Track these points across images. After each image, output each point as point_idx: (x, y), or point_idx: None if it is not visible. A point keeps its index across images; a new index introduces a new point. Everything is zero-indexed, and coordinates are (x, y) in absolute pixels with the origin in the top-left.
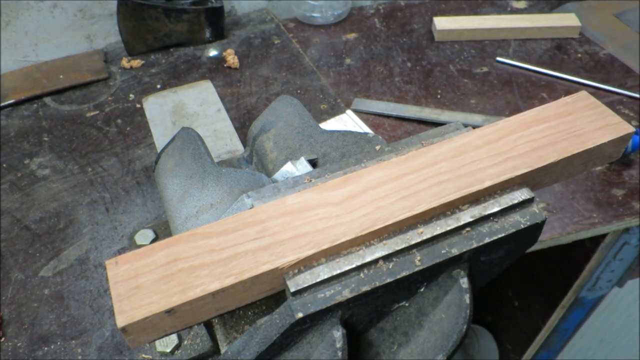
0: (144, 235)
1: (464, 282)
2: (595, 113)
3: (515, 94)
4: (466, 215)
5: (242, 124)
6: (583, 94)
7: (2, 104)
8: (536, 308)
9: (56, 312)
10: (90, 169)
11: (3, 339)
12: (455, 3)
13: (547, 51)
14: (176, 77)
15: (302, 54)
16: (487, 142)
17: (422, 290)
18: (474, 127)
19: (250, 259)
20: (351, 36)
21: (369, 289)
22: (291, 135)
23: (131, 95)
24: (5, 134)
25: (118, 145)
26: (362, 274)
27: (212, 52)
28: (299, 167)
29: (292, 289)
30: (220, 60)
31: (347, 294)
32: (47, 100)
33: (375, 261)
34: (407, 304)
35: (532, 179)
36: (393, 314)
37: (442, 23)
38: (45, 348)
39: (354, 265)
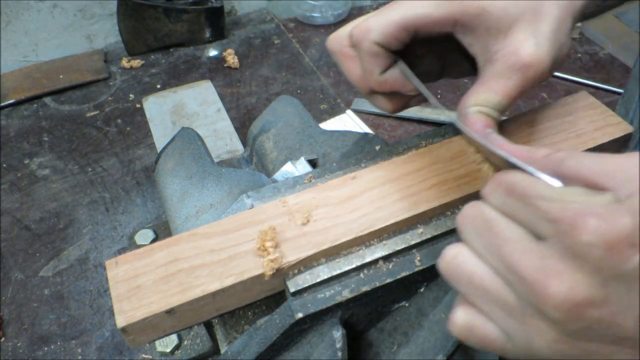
0: (144, 235)
1: None
2: (595, 113)
3: None
4: None
5: (242, 124)
6: (583, 94)
7: (2, 104)
8: None
9: (56, 312)
10: (90, 169)
11: (3, 339)
12: None
13: None
14: (176, 77)
15: (302, 54)
16: None
17: (422, 290)
18: None
19: (250, 259)
20: None
21: (369, 289)
22: (291, 135)
23: (131, 95)
24: (5, 134)
25: (118, 145)
26: (362, 274)
27: (212, 52)
28: (299, 167)
29: (292, 289)
30: (220, 60)
31: (347, 294)
32: (47, 100)
33: (375, 261)
34: (407, 304)
35: None
36: (393, 314)
37: None
38: (45, 348)
39: (353, 266)
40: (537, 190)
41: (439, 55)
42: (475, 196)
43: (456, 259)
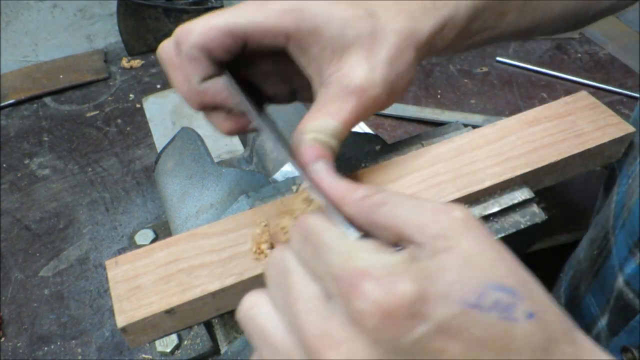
0: (144, 235)
1: None
2: (595, 113)
3: (515, 94)
4: None
5: None
6: (583, 94)
7: (2, 104)
8: None
9: (56, 312)
10: (90, 169)
11: (3, 339)
12: None
13: (547, 51)
14: None
15: None
16: (487, 142)
17: None
18: (474, 127)
19: (250, 259)
20: None
21: None
22: (291, 135)
23: (131, 95)
24: (5, 134)
25: (118, 145)
26: None
27: None
28: None
29: None
30: None
31: None
32: (47, 100)
33: None
34: None
35: (532, 179)
36: None
37: None
38: (45, 348)
39: None
40: (327, 238)
41: (286, 78)
42: (475, 196)
43: (252, 311)
